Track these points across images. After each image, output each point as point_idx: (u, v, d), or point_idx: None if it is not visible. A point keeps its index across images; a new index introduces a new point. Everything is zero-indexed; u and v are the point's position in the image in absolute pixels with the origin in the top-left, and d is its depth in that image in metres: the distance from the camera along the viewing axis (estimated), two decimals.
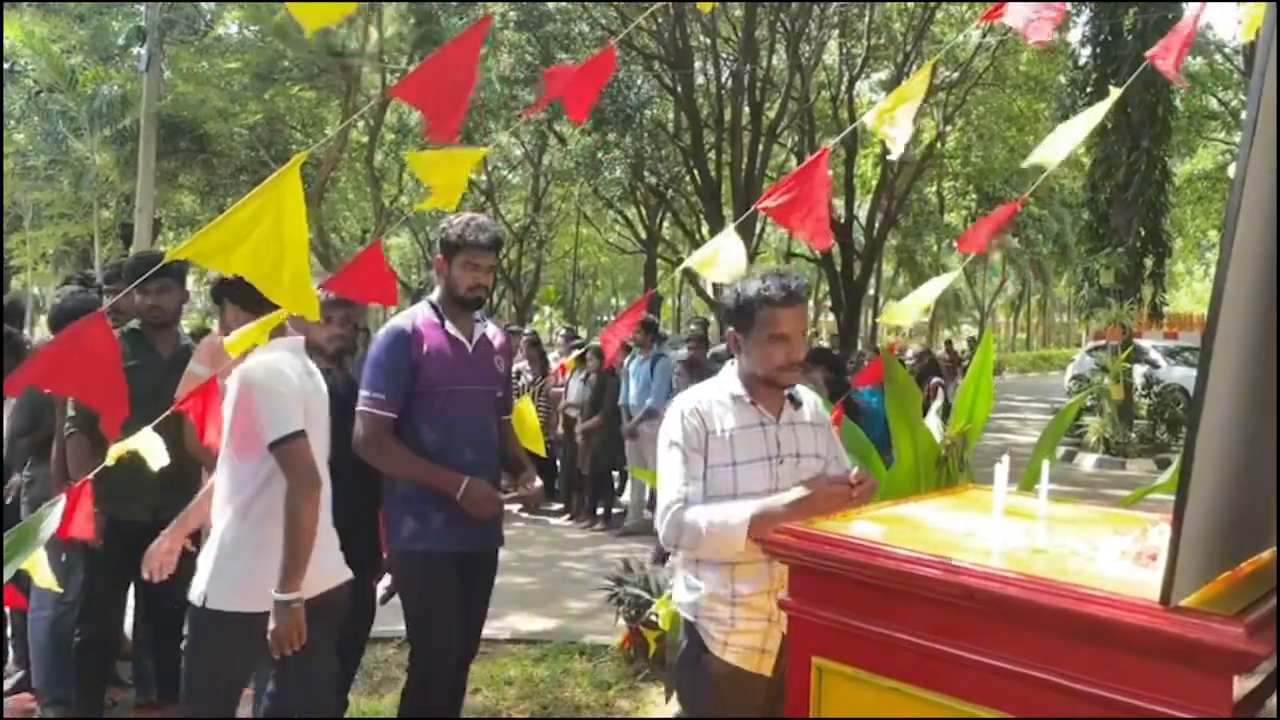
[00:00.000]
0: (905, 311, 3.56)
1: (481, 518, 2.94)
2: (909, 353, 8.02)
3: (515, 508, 3.06)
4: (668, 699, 3.87)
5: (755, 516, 2.12)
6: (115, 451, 2.39)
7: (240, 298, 2.70)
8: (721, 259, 3.15)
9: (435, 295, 3.11)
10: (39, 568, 2.24)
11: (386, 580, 3.46)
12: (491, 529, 3.08)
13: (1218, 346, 1.20)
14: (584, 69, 2.85)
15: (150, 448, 2.41)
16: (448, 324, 3.03)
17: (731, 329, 2.41)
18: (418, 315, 3.04)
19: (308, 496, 2.44)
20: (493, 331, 3.19)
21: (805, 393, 2.49)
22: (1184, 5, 12.47)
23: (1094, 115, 3.16)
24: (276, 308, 2.62)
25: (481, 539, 3.05)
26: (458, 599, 3.00)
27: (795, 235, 3.26)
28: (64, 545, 3.33)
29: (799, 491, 2.15)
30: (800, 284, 2.36)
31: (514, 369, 4.62)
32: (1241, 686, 1.26)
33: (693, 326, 9.29)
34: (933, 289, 3.75)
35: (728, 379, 2.42)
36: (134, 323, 3.68)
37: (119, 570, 3.45)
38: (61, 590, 2.91)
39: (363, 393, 2.95)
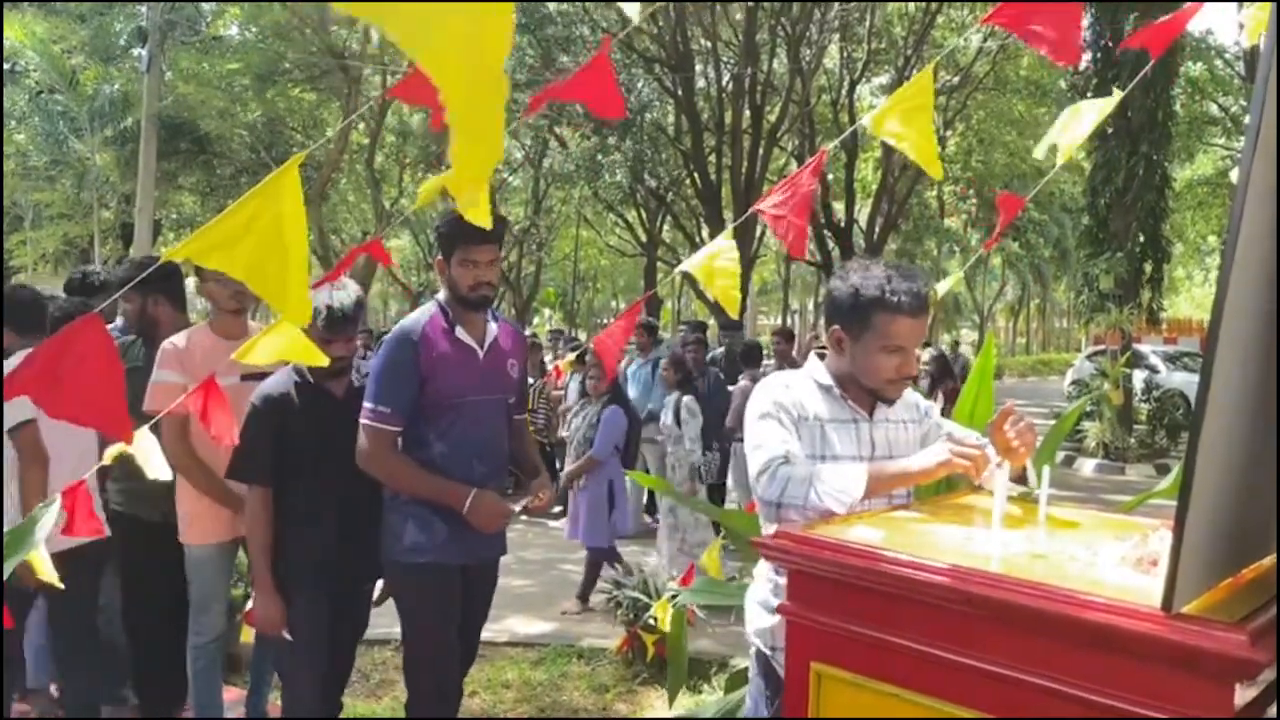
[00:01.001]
0: None
1: (489, 531, 2.86)
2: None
3: (515, 506, 2.97)
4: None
5: (874, 474, 1.97)
6: (110, 454, 2.37)
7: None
8: (718, 270, 3.10)
9: (442, 295, 2.95)
10: (41, 564, 2.22)
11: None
12: (497, 538, 2.99)
13: (1220, 352, 1.19)
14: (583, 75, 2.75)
15: (148, 454, 2.39)
16: (458, 329, 2.88)
17: (837, 327, 2.13)
18: (425, 319, 2.88)
19: (34, 471, 3.13)
20: (505, 333, 3.03)
21: None
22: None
23: (1100, 108, 3.12)
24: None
25: (487, 549, 2.96)
26: (458, 611, 2.92)
27: (778, 238, 3.18)
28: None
29: (935, 452, 2.00)
30: (928, 290, 2.11)
31: None
32: (1243, 694, 1.25)
33: (682, 329, 9.19)
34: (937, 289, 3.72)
35: (815, 370, 2.21)
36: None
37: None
38: (63, 587, 2.95)
39: (366, 404, 2.80)
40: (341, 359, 3.00)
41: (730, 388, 7.63)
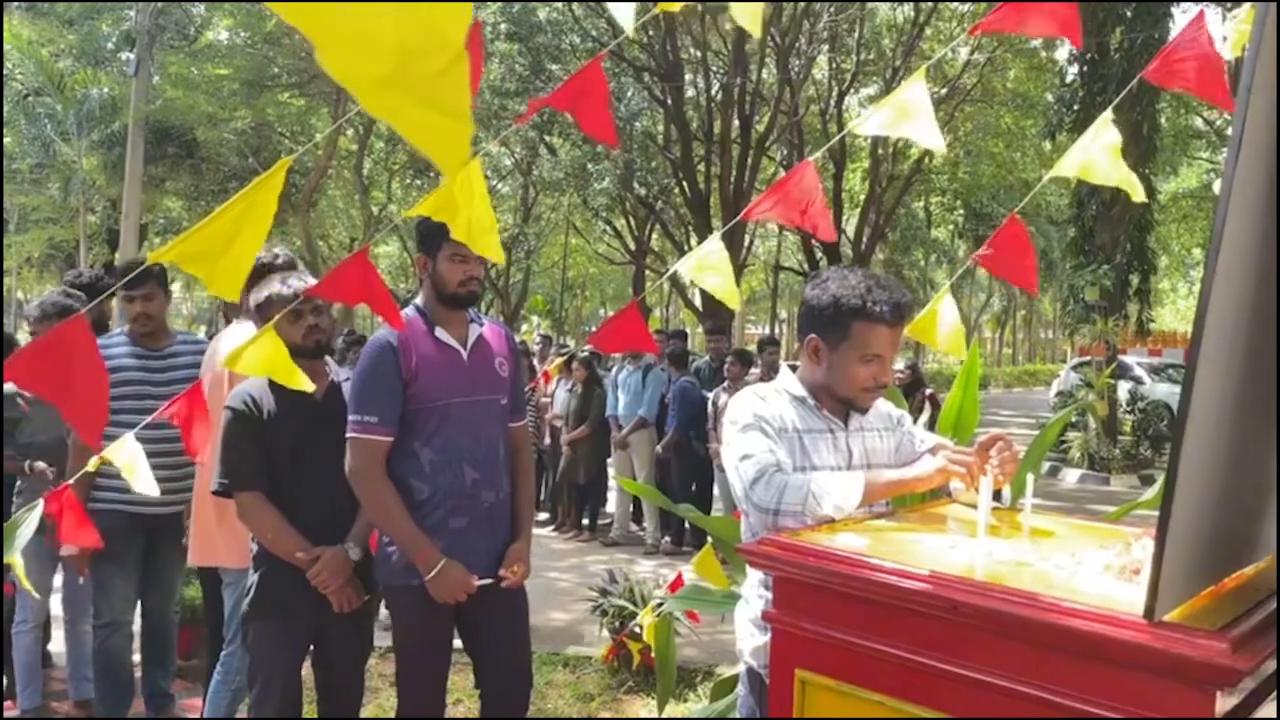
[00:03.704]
0: (931, 333, 3.20)
1: (445, 601, 2.65)
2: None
3: (482, 581, 2.83)
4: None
5: (871, 481, 1.99)
6: (94, 462, 2.37)
7: None
8: (711, 266, 3.05)
9: (420, 299, 2.84)
10: (19, 571, 2.22)
11: None
12: (498, 556, 2.79)
13: (1201, 363, 1.20)
14: (577, 90, 2.70)
15: (135, 467, 2.38)
16: (438, 330, 2.76)
17: (814, 336, 2.13)
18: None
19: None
20: (491, 331, 2.90)
21: None
22: (1170, 22, 12.59)
23: (1090, 137, 3.12)
24: None
25: (488, 567, 2.75)
26: (450, 627, 2.79)
27: (801, 228, 3.13)
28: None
29: (932, 459, 2.04)
30: (909, 300, 2.11)
31: None
32: (1225, 702, 1.26)
33: (663, 338, 9.16)
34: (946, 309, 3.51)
35: (789, 381, 2.20)
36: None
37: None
38: (40, 597, 2.93)
39: (351, 417, 2.65)
40: (315, 331, 2.84)
41: (707, 394, 7.63)
